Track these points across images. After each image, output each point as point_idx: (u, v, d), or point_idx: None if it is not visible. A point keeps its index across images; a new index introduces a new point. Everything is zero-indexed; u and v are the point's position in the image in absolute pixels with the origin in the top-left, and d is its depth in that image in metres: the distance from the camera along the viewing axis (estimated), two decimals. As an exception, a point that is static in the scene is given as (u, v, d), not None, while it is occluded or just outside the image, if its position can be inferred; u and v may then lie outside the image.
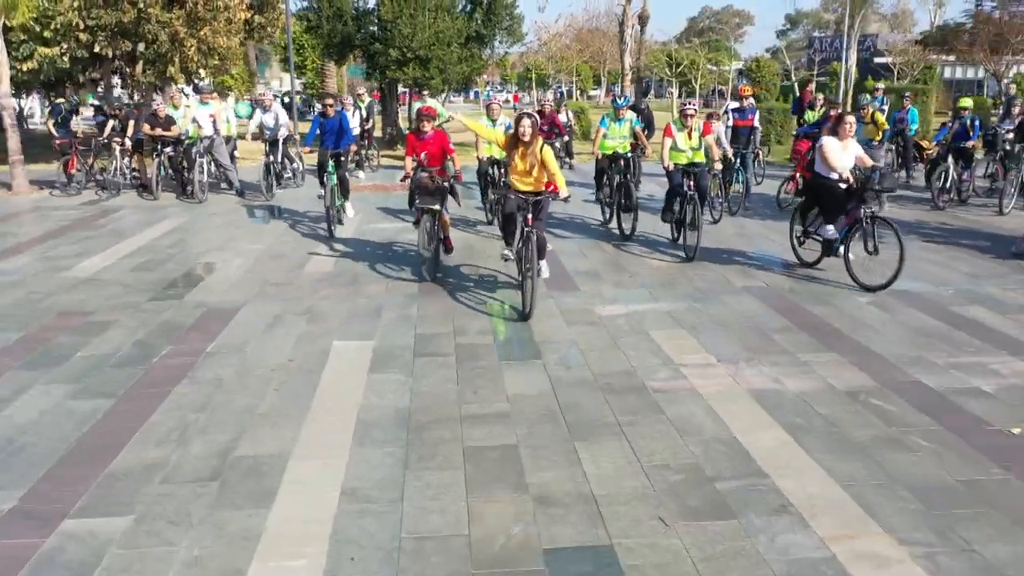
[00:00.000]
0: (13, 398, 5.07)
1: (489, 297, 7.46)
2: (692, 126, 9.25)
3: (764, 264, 8.79)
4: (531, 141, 6.82)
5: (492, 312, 6.98)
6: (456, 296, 7.46)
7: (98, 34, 16.37)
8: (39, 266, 8.73)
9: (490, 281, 8.07)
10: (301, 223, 11.25)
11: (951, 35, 32.01)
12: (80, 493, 3.90)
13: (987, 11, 30.18)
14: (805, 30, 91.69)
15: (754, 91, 52.17)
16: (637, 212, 10.01)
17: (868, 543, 3.49)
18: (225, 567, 3.32)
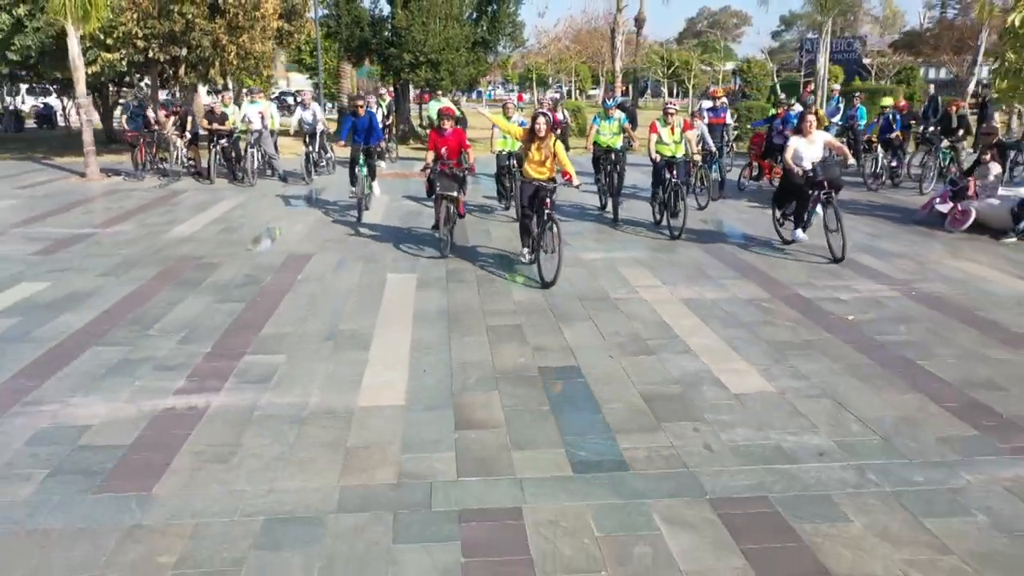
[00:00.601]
0: (177, 303, 7.41)
1: (502, 256, 9.80)
2: (674, 123, 10.72)
3: (727, 237, 11.06)
4: (546, 136, 8.02)
5: (505, 266, 9.32)
6: (475, 256, 9.79)
7: (152, 41, 18.67)
8: (143, 231, 11.07)
9: (502, 252, 10.40)
10: (339, 202, 13.54)
11: (917, 39, 34.43)
12: (247, 345, 6.24)
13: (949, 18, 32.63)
14: (799, 31, 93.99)
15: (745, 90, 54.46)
16: (618, 197, 11.80)
17: (732, 365, 5.83)
18: (351, 376, 5.65)
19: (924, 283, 8.14)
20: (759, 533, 3.67)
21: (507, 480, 4.15)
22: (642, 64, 56.28)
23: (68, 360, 5.90)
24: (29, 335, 6.47)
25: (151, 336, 6.48)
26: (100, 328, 6.68)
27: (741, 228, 11.17)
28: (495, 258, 9.40)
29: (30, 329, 6.62)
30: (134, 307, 7.30)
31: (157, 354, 6.04)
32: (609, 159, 11.87)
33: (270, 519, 3.78)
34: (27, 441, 4.60)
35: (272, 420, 4.88)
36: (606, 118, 11.97)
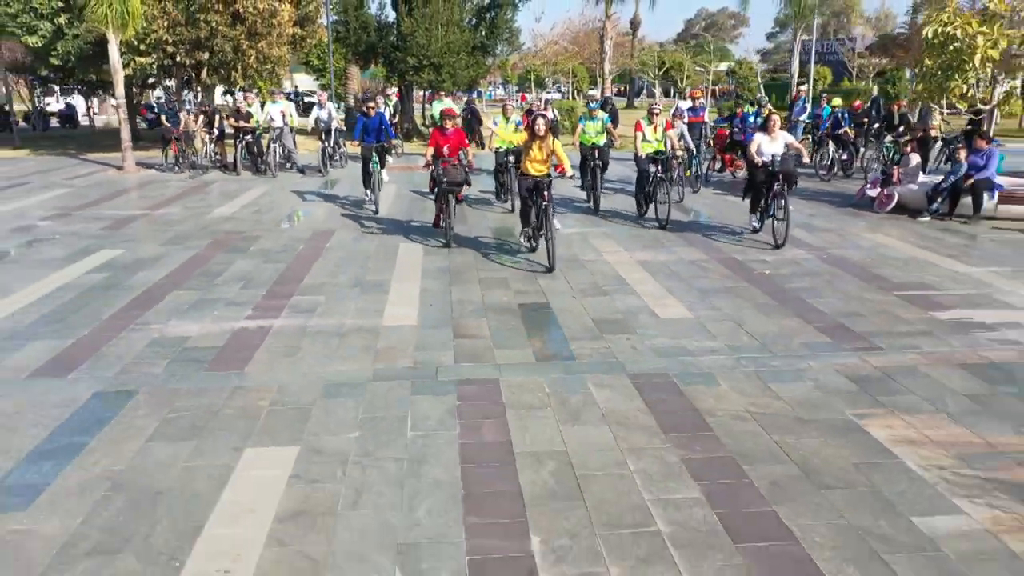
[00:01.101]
0: (231, 264, 9.23)
1: (498, 238, 11.61)
2: (657, 123, 11.75)
3: (690, 218, 12.86)
4: (545, 135, 9.03)
5: (499, 244, 11.13)
6: (474, 238, 11.61)
7: (180, 47, 20.51)
8: (188, 212, 12.89)
9: (498, 237, 12.21)
10: (353, 191, 15.34)
11: (890, 43, 36.24)
12: (293, 290, 8.06)
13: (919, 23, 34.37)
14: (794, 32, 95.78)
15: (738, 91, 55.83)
16: (600, 189, 12.83)
17: (665, 302, 7.64)
18: (375, 308, 7.46)
19: (837, 249, 9.94)
20: (657, 391, 5.48)
21: (489, 365, 5.96)
22: (637, 65, 58.17)
23: (157, 300, 7.73)
24: (122, 284, 8.30)
25: (217, 285, 8.31)
26: (175, 280, 8.51)
27: (704, 211, 12.97)
28: (491, 240, 11.22)
29: (121, 280, 8.45)
30: (197, 266, 9.13)
31: (225, 296, 7.87)
32: (593, 155, 12.94)
33: (328, 383, 5.60)
34: (147, 345, 6.42)
35: (320, 334, 6.70)
36: (591, 118, 13.09)
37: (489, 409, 5.18)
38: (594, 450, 4.61)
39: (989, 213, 11.71)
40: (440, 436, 4.79)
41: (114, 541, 3.72)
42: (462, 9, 25.68)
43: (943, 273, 8.78)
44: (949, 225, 11.59)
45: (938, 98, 12.30)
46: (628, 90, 64.88)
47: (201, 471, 4.37)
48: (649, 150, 11.70)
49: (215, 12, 20.18)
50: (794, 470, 4.37)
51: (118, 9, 17.45)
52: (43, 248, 10.15)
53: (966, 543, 3.69)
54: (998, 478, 4.28)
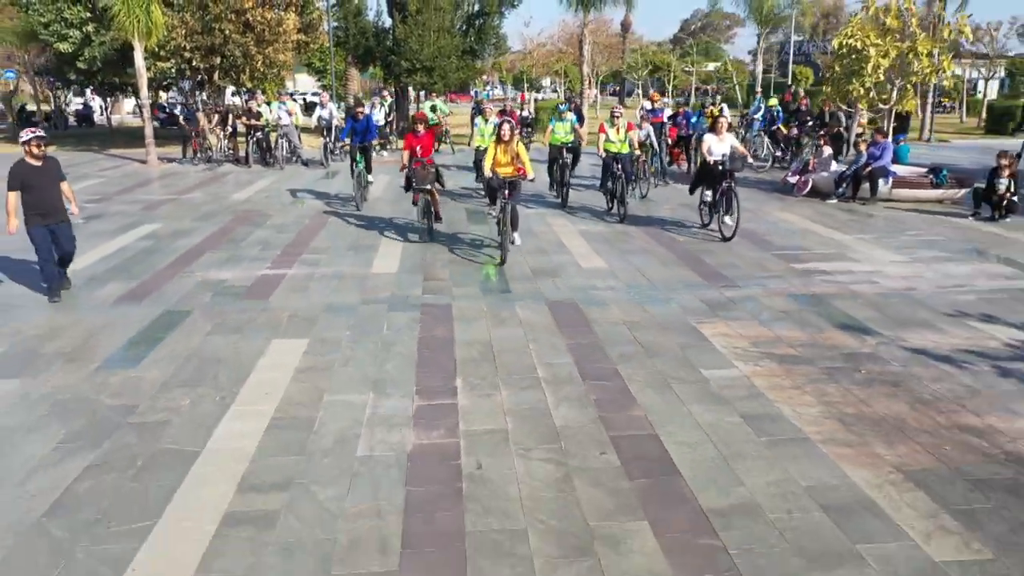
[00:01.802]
0: (251, 234, 11.45)
1: (473, 235, 13.83)
2: (619, 124, 12.54)
3: (654, 218, 15.02)
4: (510, 139, 9.75)
5: (472, 227, 13.34)
6: (451, 226, 13.83)
7: (196, 53, 22.74)
8: (210, 196, 15.11)
9: (475, 232, 14.43)
10: (350, 183, 17.51)
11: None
12: (302, 251, 10.27)
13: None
14: (784, 33, 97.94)
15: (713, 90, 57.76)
16: (567, 186, 13.91)
17: (590, 259, 9.84)
18: (365, 262, 9.68)
19: (747, 224, 12.11)
20: (563, 311, 7.69)
21: (447, 296, 8.18)
22: (627, 66, 60.36)
23: (196, 257, 9.95)
24: (166, 248, 10.53)
25: (242, 247, 10.54)
26: (207, 245, 10.73)
27: (664, 204, 15.17)
28: (466, 230, 13.44)
29: (165, 246, 10.68)
30: (224, 235, 11.36)
31: (249, 254, 10.10)
32: (561, 154, 14.05)
33: (329, 306, 7.82)
34: (194, 285, 8.65)
35: (323, 278, 8.91)
36: (560, 119, 14.29)
37: (442, 320, 7.40)
38: (508, 339, 6.83)
39: (885, 196, 13.90)
40: (405, 333, 7.01)
41: (193, 381, 5.94)
42: (452, 16, 27.89)
43: (819, 240, 10.98)
44: (852, 206, 13.79)
45: (841, 99, 14.44)
46: (620, 90, 67.03)
47: (245, 350, 6.59)
48: (612, 150, 12.63)
49: (228, 21, 22.41)
50: (639, 349, 6.59)
51: (143, 20, 19.67)
52: (97, 223, 12.37)
53: (726, 381, 5.90)
54: (771, 352, 6.49)
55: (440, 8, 26.96)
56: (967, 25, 14.33)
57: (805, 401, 5.53)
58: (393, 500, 4.25)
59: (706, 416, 5.29)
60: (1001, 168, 12.04)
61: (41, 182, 7.94)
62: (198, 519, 4.09)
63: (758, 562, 3.72)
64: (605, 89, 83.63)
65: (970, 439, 4.95)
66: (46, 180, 8.00)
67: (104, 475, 4.54)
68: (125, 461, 4.71)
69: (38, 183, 7.91)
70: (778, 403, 5.50)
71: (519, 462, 4.68)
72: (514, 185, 9.72)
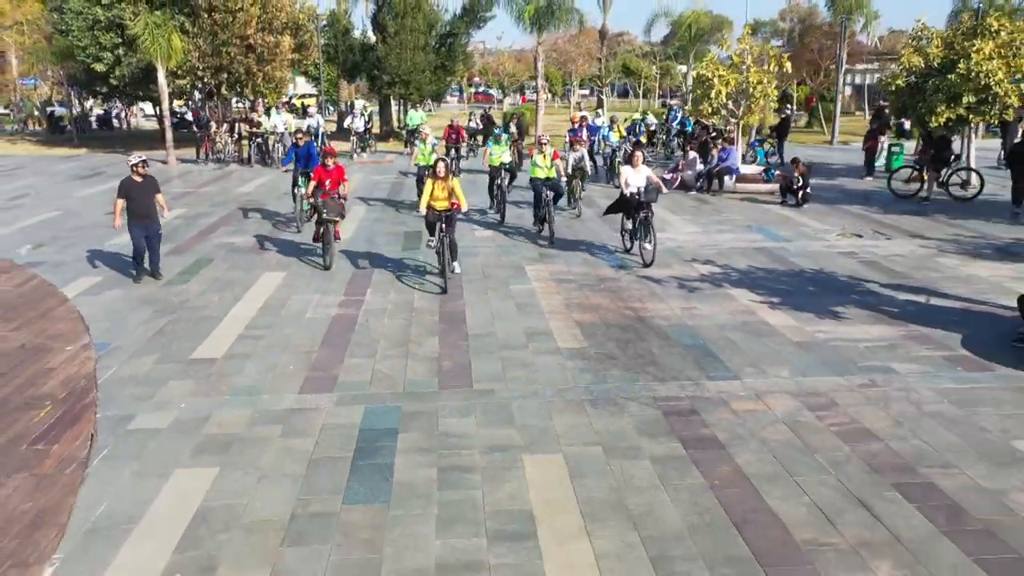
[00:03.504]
0: (254, 215, 15.97)
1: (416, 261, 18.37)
2: (546, 152, 13.50)
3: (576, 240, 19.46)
4: (446, 176, 10.31)
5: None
6: (398, 255, 18.32)
7: (207, 71, 27.24)
8: (221, 189, 19.63)
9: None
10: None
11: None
12: (289, 227, 14.78)
13: (802, 42, 41.07)
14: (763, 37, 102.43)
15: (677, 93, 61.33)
16: (505, 204, 15.44)
17: (513, 244, 14.35)
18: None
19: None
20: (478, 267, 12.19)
21: (411, 249, 12.70)
22: (605, 72, 64.83)
23: (214, 231, 14.46)
24: (192, 225, 15.05)
25: (244, 224, 15.05)
26: (221, 223, 15.25)
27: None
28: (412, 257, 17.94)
29: (191, 223, 15.19)
30: (233, 217, 15.89)
31: (250, 229, 14.60)
32: (499, 173, 15.36)
33: (301, 256, 12.33)
34: (214, 246, 13.16)
35: (305, 241, 13.39)
36: (497, 142, 15.74)
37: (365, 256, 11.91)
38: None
39: (730, 189, 18.38)
40: (341, 260, 11.52)
41: (217, 289, 10.43)
42: (427, 36, 32.38)
43: (656, 219, 15.44)
44: (704, 196, 18.26)
45: (697, 116, 18.94)
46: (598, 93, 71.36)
47: (247, 277, 11.07)
48: (540, 175, 13.39)
49: (233, 45, 26.93)
50: (485, 277, 11.07)
51: (165, 46, 24.19)
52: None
53: (522, 290, 10.39)
54: (557, 277, 10.95)
55: (416, 30, 31.47)
56: (786, 60, 18.76)
57: (556, 298, 10.02)
58: (321, 332, 8.74)
59: (495, 304, 9.78)
60: (796, 170, 16.52)
61: (141, 194, 10.65)
62: (226, 338, 8.58)
63: (482, 345, 8.21)
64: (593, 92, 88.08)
65: (627, 312, 9.44)
66: (145, 192, 10.70)
67: (176, 324, 9.04)
68: (186, 321, 9.21)
69: (139, 195, 10.63)
70: (539, 298, 9.99)
71: (388, 321, 9.18)
72: (450, 218, 10.35)
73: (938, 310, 9.49)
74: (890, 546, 4.75)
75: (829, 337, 8.48)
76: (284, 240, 13.56)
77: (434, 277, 10.98)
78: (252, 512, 5.15)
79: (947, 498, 5.27)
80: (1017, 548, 4.72)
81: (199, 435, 6.26)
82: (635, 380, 7.33)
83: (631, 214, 11.89)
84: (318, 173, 11.89)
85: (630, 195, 11.62)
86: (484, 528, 4.95)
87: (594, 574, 4.51)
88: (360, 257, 12.29)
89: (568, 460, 5.82)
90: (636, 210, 11.65)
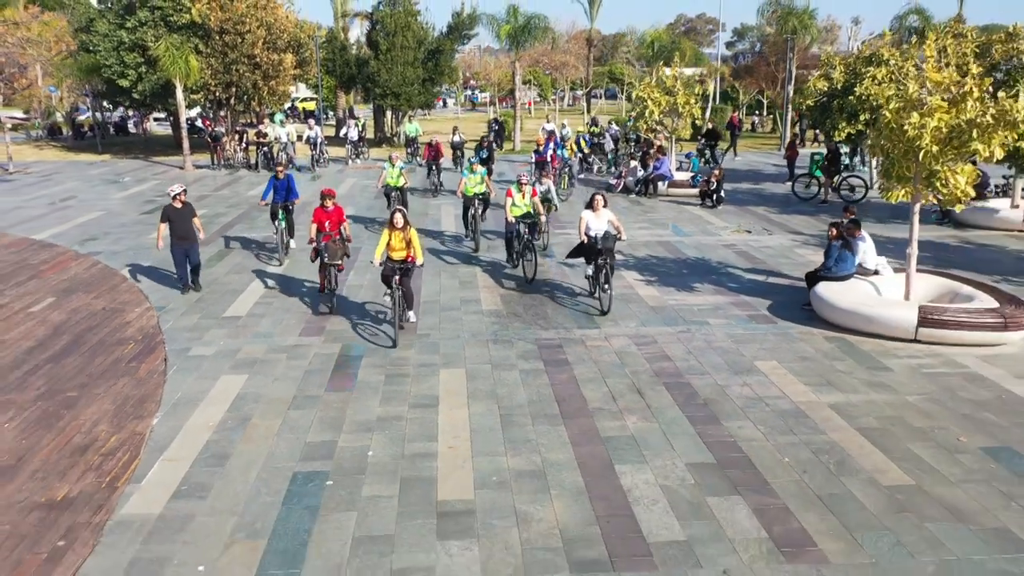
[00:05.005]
0: (262, 213, 19.41)
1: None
2: (525, 191, 13.44)
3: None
4: (404, 228, 10.09)
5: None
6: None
7: (218, 87, 30.68)
8: (234, 192, 23.03)
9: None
10: (331, 182, 25.36)
11: (743, 70, 46.31)
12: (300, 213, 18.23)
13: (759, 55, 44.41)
14: (751, 41, 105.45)
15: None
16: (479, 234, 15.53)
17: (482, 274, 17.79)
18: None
19: (563, 206, 19.94)
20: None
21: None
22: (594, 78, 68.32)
23: (231, 227, 17.90)
24: (211, 223, 18.47)
25: (256, 222, 18.47)
26: (241, 218, 18.69)
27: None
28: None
29: (210, 222, 18.61)
30: (246, 215, 19.32)
31: (260, 226, 18.02)
32: (474, 203, 15.66)
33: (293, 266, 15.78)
34: (232, 240, 16.59)
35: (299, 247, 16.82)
36: (472, 172, 15.95)
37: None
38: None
39: (663, 193, 21.79)
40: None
41: (238, 270, 13.86)
42: (416, 52, 35.77)
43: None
44: (640, 199, 21.66)
45: (639, 130, 22.40)
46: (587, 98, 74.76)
47: (258, 263, 14.49)
48: (518, 213, 13.38)
49: (242, 63, 30.37)
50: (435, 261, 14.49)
51: (183, 67, 27.63)
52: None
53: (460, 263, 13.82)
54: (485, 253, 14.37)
55: (406, 46, 34.88)
56: (709, 84, 22.18)
57: (491, 285, 13.41)
58: (314, 303, 12.16)
59: (428, 278, 13.19)
60: (713, 176, 19.93)
61: (180, 219, 12.22)
62: (247, 303, 11.99)
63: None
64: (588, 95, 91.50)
65: (543, 287, 12.82)
66: (184, 218, 12.27)
67: (210, 295, 12.45)
68: (218, 292, 12.61)
69: (178, 219, 12.19)
70: (479, 279, 13.40)
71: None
72: (407, 271, 10.12)
73: (769, 286, 12.91)
74: (643, 410, 8.17)
75: (677, 303, 11.90)
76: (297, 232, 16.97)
77: (388, 327, 10.73)
78: (269, 395, 8.58)
79: (692, 389, 8.70)
80: (717, 414, 8.13)
81: (233, 359, 9.69)
82: (527, 329, 10.76)
83: (591, 260, 11.57)
84: (317, 216, 11.62)
85: (589, 241, 11.41)
86: (408, 403, 8.39)
87: (466, 421, 7.94)
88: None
89: (467, 371, 9.25)
90: (595, 256, 11.38)
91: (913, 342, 10.02)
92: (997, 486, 6.66)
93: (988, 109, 9.26)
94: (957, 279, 11.52)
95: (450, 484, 6.73)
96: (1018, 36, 16.85)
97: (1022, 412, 8.11)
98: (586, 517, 6.22)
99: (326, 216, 11.59)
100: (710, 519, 6.19)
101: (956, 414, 8.06)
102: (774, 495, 6.53)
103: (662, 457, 7.19)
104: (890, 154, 10.20)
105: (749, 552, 5.77)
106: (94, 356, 9.78)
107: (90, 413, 8.14)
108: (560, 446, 7.41)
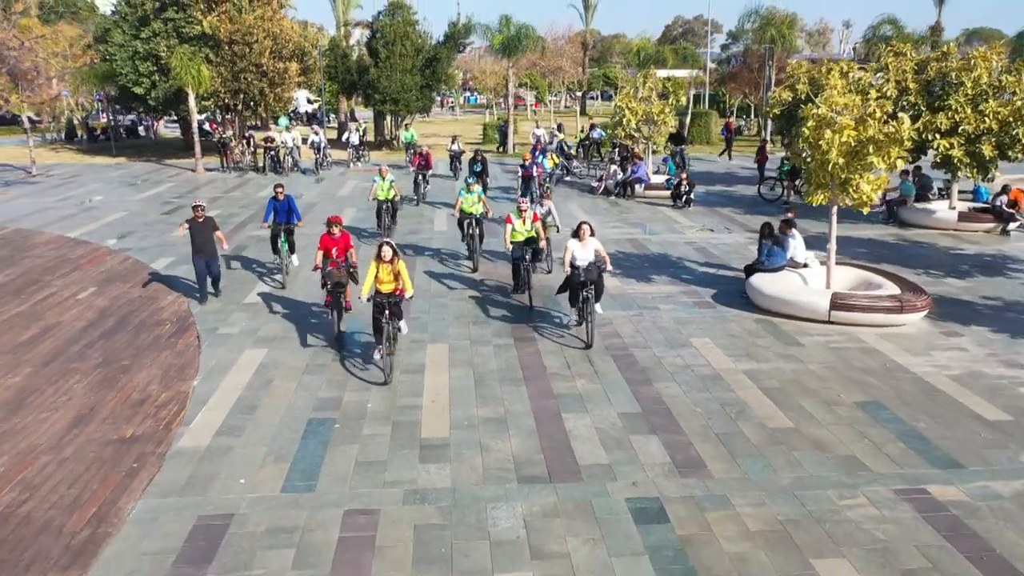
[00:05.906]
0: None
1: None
2: (525, 216, 13.12)
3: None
4: (392, 260, 9.85)
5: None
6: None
7: (227, 94, 32.58)
8: (242, 194, 24.92)
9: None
10: (334, 184, 27.22)
11: (728, 76, 48.12)
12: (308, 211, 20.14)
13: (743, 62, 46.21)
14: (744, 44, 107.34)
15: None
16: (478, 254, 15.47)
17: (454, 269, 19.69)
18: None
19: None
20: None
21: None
22: (589, 80, 70.21)
23: (244, 226, 19.79)
24: (226, 222, 20.35)
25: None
26: (251, 219, 20.56)
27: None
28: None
29: (224, 220, 20.48)
30: (257, 215, 21.19)
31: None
32: (471, 223, 15.52)
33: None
34: (246, 237, 18.47)
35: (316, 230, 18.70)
36: (469, 191, 15.93)
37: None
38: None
39: (640, 195, 23.67)
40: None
41: (254, 263, 15.74)
42: (414, 60, 37.64)
43: (570, 215, 20.70)
44: (618, 200, 23.53)
45: (616, 137, 24.29)
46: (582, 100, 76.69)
47: (272, 255, 16.40)
48: (520, 239, 13.11)
49: (249, 72, 32.28)
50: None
51: (195, 76, 29.53)
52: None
53: (446, 250, 15.70)
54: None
55: (404, 55, 36.75)
56: (683, 94, 24.11)
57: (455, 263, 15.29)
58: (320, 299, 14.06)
59: (417, 268, 15.07)
60: (681, 177, 21.82)
61: (201, 231, 12.80)
62: (263, 292, 13.88)
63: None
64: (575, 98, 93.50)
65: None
66: (204, 231, 12.83)
67: (231, 284, 14.33)
68: (237, 283, 14.49)
69: (198, 232, 12.80)
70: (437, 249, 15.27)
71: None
72: (396, 304, 9.95)
73: (718, 277, 14.79)
74: (591, 375, 10.06)
75: (635, 292, 13.79)
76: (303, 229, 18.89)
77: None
78: (287, 364, 10.48)
79: (633, 358, 10.59)
80: (650, 378, 10.01)
81: (255, 336, 11.59)
82: (501, 313, 12.65)
83: (575, 301, 11.23)
84: (324, 242, 11.48)
85: (574, 272, 10.96)
86: (400, 369, 10.28)
87: (447, 383, 9.82)
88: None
89: (450, 346, 11.15)
90: (580, 288, 11.00)
91: (827, 323, 11.90)
92: (857, 427, 8.55)
93: (882, 129, 11.14)
94: (872, 270, 13.43)
95: (431, 426, 8.63)
96: (951, 55, 18.66)
97: (898, 377, 9.99)
98: (534, 448, 8.12)
99: (332, 243, 11.49)
100: (629, 449, 8.08)
101: (844, 378, 9.95)
102: (682, 434, 8.43)
103: (600, 408, 9.08)
104: (808, 165, 12.09)
105: (655, 471, 7.65)
106: (138, 334, 11.68)
107: (142, 377, 10.05)
108: (520, 401, 9.31)
